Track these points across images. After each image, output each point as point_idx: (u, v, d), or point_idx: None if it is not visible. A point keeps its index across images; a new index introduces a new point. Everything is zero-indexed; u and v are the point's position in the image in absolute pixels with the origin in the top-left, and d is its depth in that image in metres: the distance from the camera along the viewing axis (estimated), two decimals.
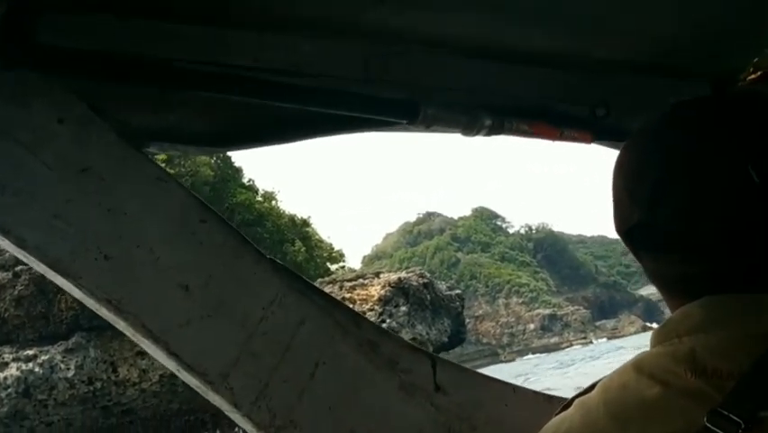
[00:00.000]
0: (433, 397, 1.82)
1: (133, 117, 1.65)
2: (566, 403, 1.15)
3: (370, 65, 1.88)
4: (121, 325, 1.58)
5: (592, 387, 1.12)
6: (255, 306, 1.66)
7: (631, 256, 1.15)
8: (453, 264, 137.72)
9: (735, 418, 0.88)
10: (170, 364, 1.61)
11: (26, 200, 1.50)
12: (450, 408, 1.83)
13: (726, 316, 1.00)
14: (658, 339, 1.07)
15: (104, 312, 1.57)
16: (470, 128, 1.91)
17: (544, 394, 2.00)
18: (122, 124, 1.61)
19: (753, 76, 2.49)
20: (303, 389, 1.67)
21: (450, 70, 2.00)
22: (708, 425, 0.89)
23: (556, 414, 1.15)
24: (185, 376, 1.62)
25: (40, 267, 1.54)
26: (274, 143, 1.82)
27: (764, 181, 0.97)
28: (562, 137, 2.08)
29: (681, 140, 1.05)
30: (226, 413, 1.68)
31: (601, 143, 2.25)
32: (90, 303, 1.58)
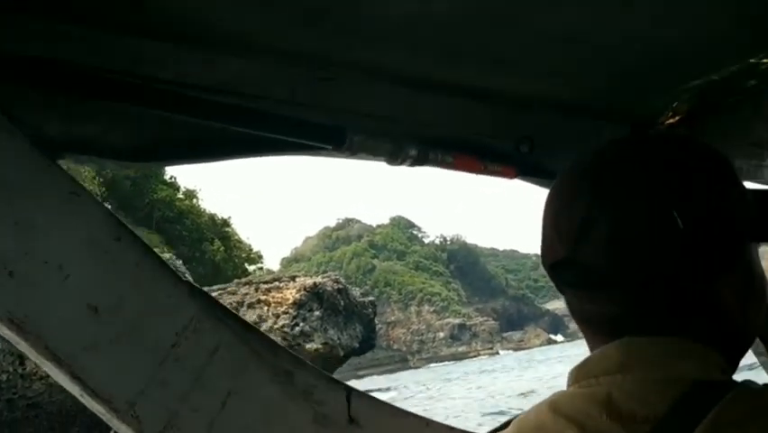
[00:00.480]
0: (346, 430, 1.77)
1: (48, 126, 1.56)
2: (502, 425, 1.19)
3: (297, 88, 1.84)
4: (22, 346, 1.48)
5: (507, 424, 1.11)
6: (168, 331, 1.58)
7: (540, 271, 1.15)
8: (369, 270, 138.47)
9: None
10: (74, 390, 1.51)
11: None
12: None
13: (644, 359, 0.99)
14: (576, 378, 1.05)
15: (5, 331, 1.46)
16: (394, 157, 1.89)
17: (460, 430, 1.97)
18: (36, 134, 1.51)
19: (671, 120, 2.55)
20: (213, 419, 1.60)
21: (377, 98, 1.97)
22: None
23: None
24: (88, 402, 1.52)
25: None
26: (196, 162, 1.75)
27: (688, 227, 0.97)
28: (485, 171, 2.08)
29: (610, 180, 1.04)
30: None
31: (524, 179, 2.25)
32: None
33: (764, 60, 2.26)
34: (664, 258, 0.99)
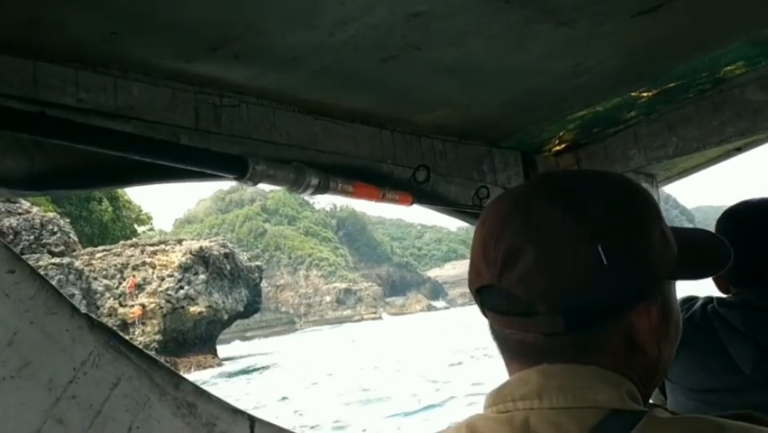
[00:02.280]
0: None
1: None
2: None
3: (202, 115, 1.78)
4: None
5: None
6: (65, 366, 1.49)
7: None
8: (260, 234, 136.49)
9: None
10: None
11: None
12: None
13: (561, 386, 0.98)
14: (494, 401, 1.03)
15: None
16: (297, 186, 1.86)
17: None
18: None
19: (558, 147, 2.62)
20: None
21: (281, 126, 1.93)
22: None
23: None
24: None
25: None
26: (96, 189, 1.66)
27: (610, 262, 0.97)
28: (383, 199, 2.07)
29: (539, 212, 1.02)
30: None
31: (421, 205, 2.26)
32: None
33: (644, 94, 2.34)
34: (585, 290, 0.98)
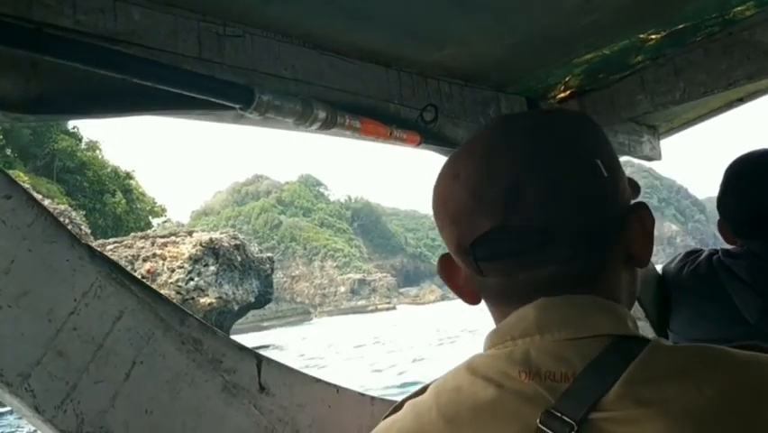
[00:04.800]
0: (256, 398, 1.60)
1: None
2: (396, 405, 1.05)
3: (205, 44, 1.65)
4: None
5: (424, 389, 1.01)
6: (66, 297, 1.36)
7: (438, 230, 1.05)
8: (276, 226, 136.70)
9: (567, 419, 0.83)
10: None
11: None
12: (273, 410, 1.62)
13: (561, 318, 0.93)
14: (492, 342, 0.98)
15: None
16: (304, 119, 1.73)
17: (369, 396, 1.82)
18: None
19: (562, 94, 2.50)
20: (117, 391, 1.39)
21: (287, 59, 1.81)
22: (541, 426, 0.83)
23: (385, 417, 1.04)
24: None
25: None
26: (94, 116, 1.52)
27: (609, 176, 0.97)
28: (391, 137, 1.95)
29: (530, 143, 0.99)
30: (26, 419, 1.36)
31: (427, 147, 2.14)
32: None
33: (652, 36, 2.22)
34: (595, 206, 0.96)
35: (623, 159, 3.03)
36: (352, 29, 1.86)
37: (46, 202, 30.86)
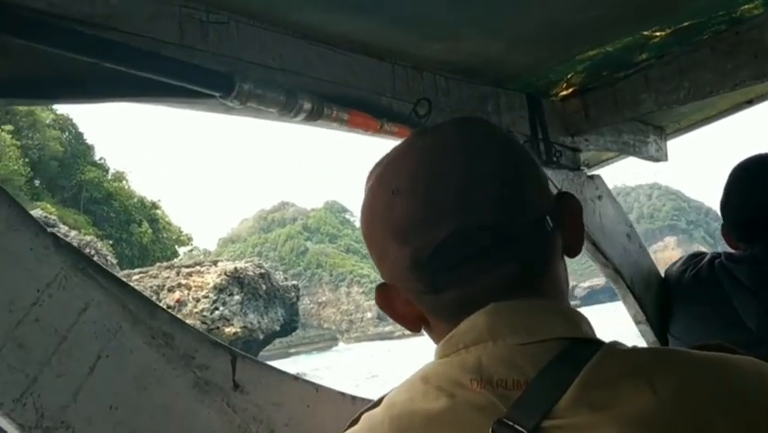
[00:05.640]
0: (230, 396, 1.52)
1: None
2: (354, 418, 1.01)
3: (187, 31, 1.58)
4: None
5: (380, 401, 0.99)
6: (28, 287, 1.30)
7: None
8: (302, 252, 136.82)
9: (519, 428, 0.80)
10: None
11: None
12: (247, 408, 1.54)
13: (513, 322, 0.91)
14: (444, 352, 0.95)
15: None
16: (287, 109, 1.66)
17: (350, 395, 1.75)
18: None
19: (564, 91, 2.41)
20: (80, 385, 1.32)
21: (273, 49, 1.74)
22: None
23: (345, 430, 1.01)
24: None
25: None
26: (68, 101, 1.45)
27: (541, 170, 1.04)
28: (381, 131, 1.87)
29: (472, 145, 1.00)
30: None
31: None
32: None
33: (657, 33, 2.12)
34: (537, 204, 0.97)
35: (627, 160, 2.94)
36: (344, 19, 1.79)
37: (73, 233, 31.06)
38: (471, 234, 0.92)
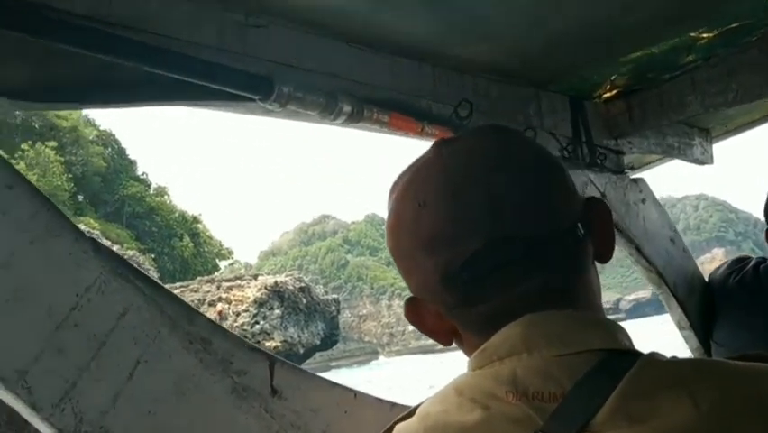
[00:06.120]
0: (268, 402, 1.49)
1: None
2: (408, 412, 1.00)
3: (226, 34, 1.56)
4: None
5: (413, 412, 0.96)
6: (67, 292, 1.28)
7: None
8: (343, 265, 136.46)
9: None
10: None
11: None
12: (285, 414, 1.51)
13: (548, 334, 0.87)
14: (478, 363, 0.91)
15: None
16: (327, 111, 1.63)
17: (388, 401, 1.71)
18: None
19: (608, 93, 2.34)
20: (119, 390, 1.30)
21: (312, 51, 1.71)
22: None
23: (391, 424, 0.99)
24: None
25: None
26: (107, 106, 1.44)
27: (569, 176, 0.98)
28: (422, 133, 1.84)
29: (501, 156, 0.96)
30: (24, 416, 1.28)
31: None
32: None
33: (704, 35, 2.05)
34: (567, 212, 0.93)
35: (674, 171, 2.85)
36: (385, 21, 1.75)
37: (115, 248, 31.60)
38: (502, 245, 0.89)
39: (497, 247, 0.89)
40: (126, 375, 1.32)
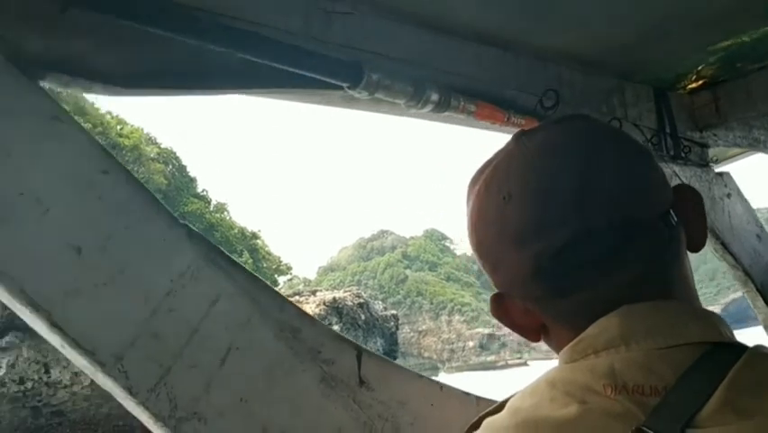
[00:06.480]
0: (356, 392, 1.47)
1: (28, 41, 1.24)
2: (473, 423, 0.96)
3: (312, 21, 1.54)
4: None
5: (501, 406, 0.92)
6: (162, 277, 1.28)
7: None
8: (402, 281, 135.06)
9: None
10: (53, 339, 1.21)
11: None
12: (373, 405, 1.49)
13: (648, 326, 0.83)
14: (571, 356, 0.87)
15: None
16: (415, 100, 1.60)
17: (474, 395, 1.67)
18: (13, 48, 1.20)
19: (694, 84, 2.26)
20: (211, 377, 1.30)
21: (398, 39, 1.68)
22: None
23: (478, 418, 0.95)
24: (70, 354, 1.22)
25: None
26: (196, 92, 1.44)
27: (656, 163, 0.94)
28: (508, 123, 1.79)
29: (590, 144, 0.93)
30: (119, 400, 1.28)
31: None
32: None
33: None
34: (659, 199, 0.89)
35: (756, 156, 2.74)
36: (469, 9, 1.71)
37: None
38: (594, 234, 0.85)
39: (589, 236, 0.85)
40: (219, 362, 1.31)
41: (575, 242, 0.85)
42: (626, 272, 0.86)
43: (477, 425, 0.93)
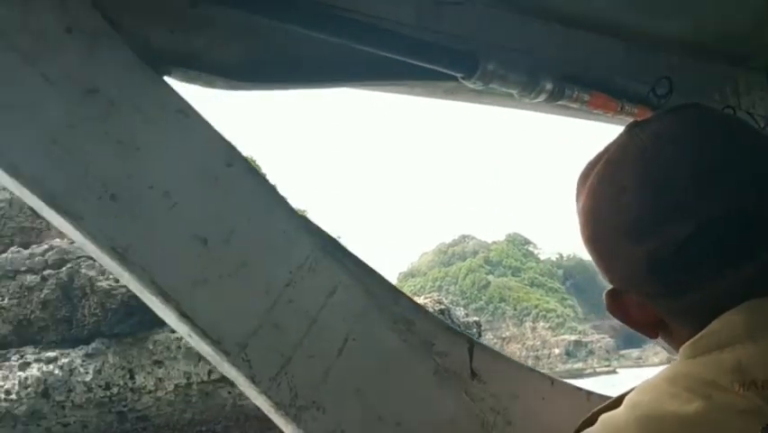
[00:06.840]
0: (468, 385, 1.46)
1: (155, 36, 1.26)
2: (586, 419, 0.95)
3: (423, 12, 1.52)
4: (125, 277, 1.21)
5: (617, 402, 0.90)
6: (282, 269, 1.29)
7: None
8: (484, 286, 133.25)
9: None
10: (181, 328, 1.24)
11: (20, 119, 1.10)
12: (485, 398, 1.47)
13: None
14: (693, 352, 0.84)
15: (106, 261, 1.19)
16: (529, 89, 1.57)
17: (585, 390, 1.63)
18: (141, 44, 1.22)
19: None
20: (329, 367, 1.30)
21: (509, 28, 1.65)
22: None
23: (592, 414, 0.94)
24: (197, 343, 1.25)
25: (34, 201, 1.15)
26: (313, 86, 1.44)
27: None
28: (621, 112, 1.74)
29: (699, 133, 0.90)
30: (241, 388, 1.31)
31: None
32: (92, 249, 1.20)
33: None
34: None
35: None
36: None
37: None
38: (716, 226, 0.82)
39: (711, 229, 0.82)
40: (336, 352, 1.31)
41: (697, 236, 0.82)
42: (751, 265, 0.82)
43: (591, 421, 0.91)
